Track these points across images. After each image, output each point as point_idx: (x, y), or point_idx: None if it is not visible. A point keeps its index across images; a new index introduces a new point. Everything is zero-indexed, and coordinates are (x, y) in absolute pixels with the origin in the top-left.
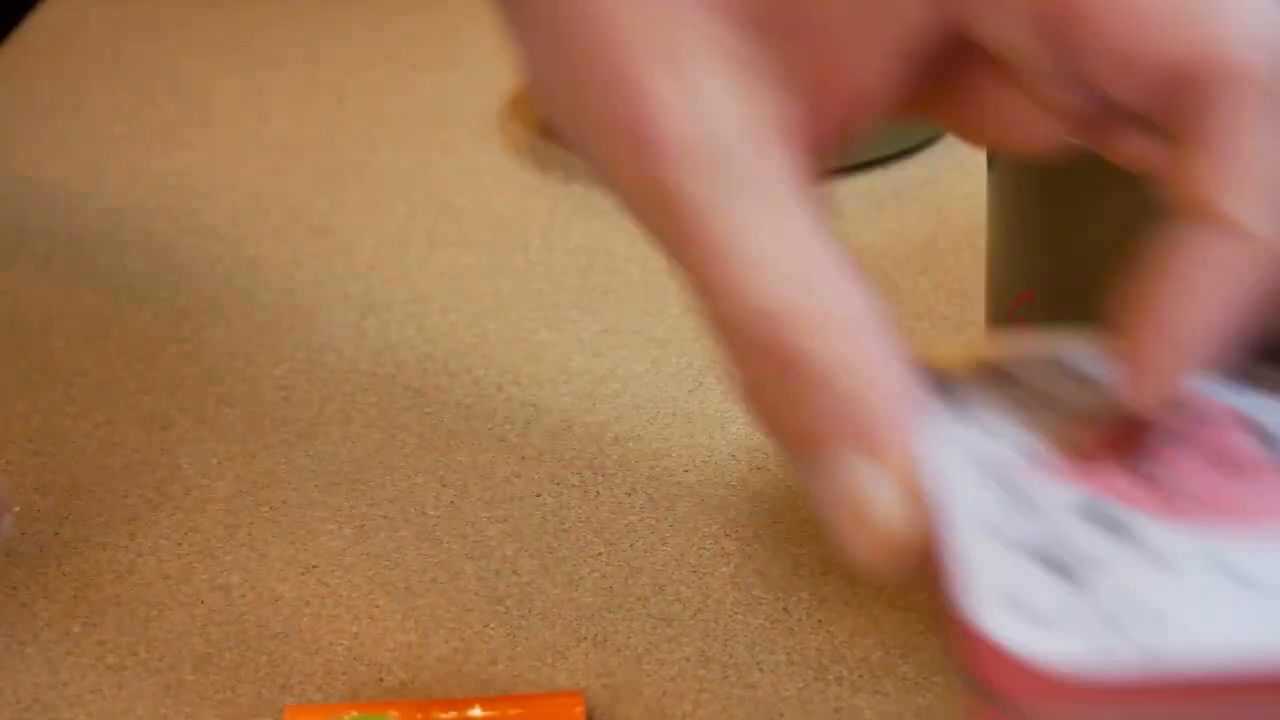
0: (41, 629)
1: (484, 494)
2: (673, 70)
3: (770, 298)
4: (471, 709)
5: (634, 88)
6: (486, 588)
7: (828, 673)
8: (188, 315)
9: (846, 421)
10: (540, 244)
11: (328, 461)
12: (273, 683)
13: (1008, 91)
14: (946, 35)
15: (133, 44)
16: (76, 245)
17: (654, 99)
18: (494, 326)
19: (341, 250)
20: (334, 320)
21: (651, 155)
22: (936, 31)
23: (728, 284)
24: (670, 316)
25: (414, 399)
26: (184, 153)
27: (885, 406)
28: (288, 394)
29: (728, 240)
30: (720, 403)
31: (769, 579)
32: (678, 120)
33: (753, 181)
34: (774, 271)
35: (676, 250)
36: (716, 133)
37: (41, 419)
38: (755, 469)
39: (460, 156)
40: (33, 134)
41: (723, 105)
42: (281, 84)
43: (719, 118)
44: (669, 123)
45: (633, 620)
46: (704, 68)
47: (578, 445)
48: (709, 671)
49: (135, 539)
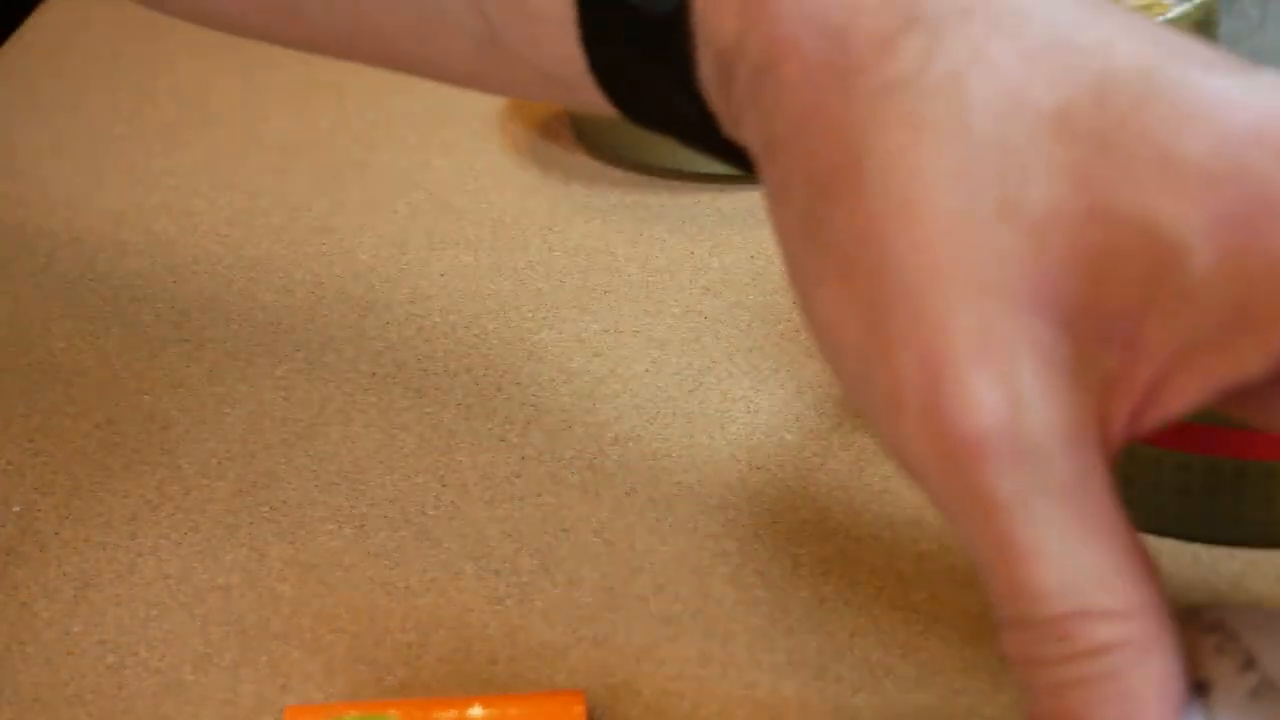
0: (41, 629)
1: (484, 494)
2: (996, 369)
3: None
4: (471, 709)
5: (954, 381)
6: (486, 588)
7: (828, 673)
8: (188, 315)
9: None
10: (540, 244)
11: (328, 461)
12: (273, 683)
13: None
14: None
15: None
16: (76, 245)
17: (973, 397)
18: (494, 326)
19: (341, 250)
20: (334, 320)
21: (963, 451)
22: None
23: (1028, 582)
24: (670, 316)
25: (414, 399)
26: (184, 153)
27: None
28: (288, 394)
29: (1032, 540)
30: (720, 403)
31: (769, 579)
32: (995, 420)
33: (1061, 484)
34: (1072, 567)
35: (969, 531)
36: (1032, 435)
37: (41, 419)
38: (755, 469)
39: (460, 156)
40: (33, 134)
41: (1040, 408)
42: (281, 84)
43: (1036, 421)
44: (985, 422)
45: (633, 620)
46: (1026, 368)
47: (578, 445)
48: (709, 671)
49: (135, 539)
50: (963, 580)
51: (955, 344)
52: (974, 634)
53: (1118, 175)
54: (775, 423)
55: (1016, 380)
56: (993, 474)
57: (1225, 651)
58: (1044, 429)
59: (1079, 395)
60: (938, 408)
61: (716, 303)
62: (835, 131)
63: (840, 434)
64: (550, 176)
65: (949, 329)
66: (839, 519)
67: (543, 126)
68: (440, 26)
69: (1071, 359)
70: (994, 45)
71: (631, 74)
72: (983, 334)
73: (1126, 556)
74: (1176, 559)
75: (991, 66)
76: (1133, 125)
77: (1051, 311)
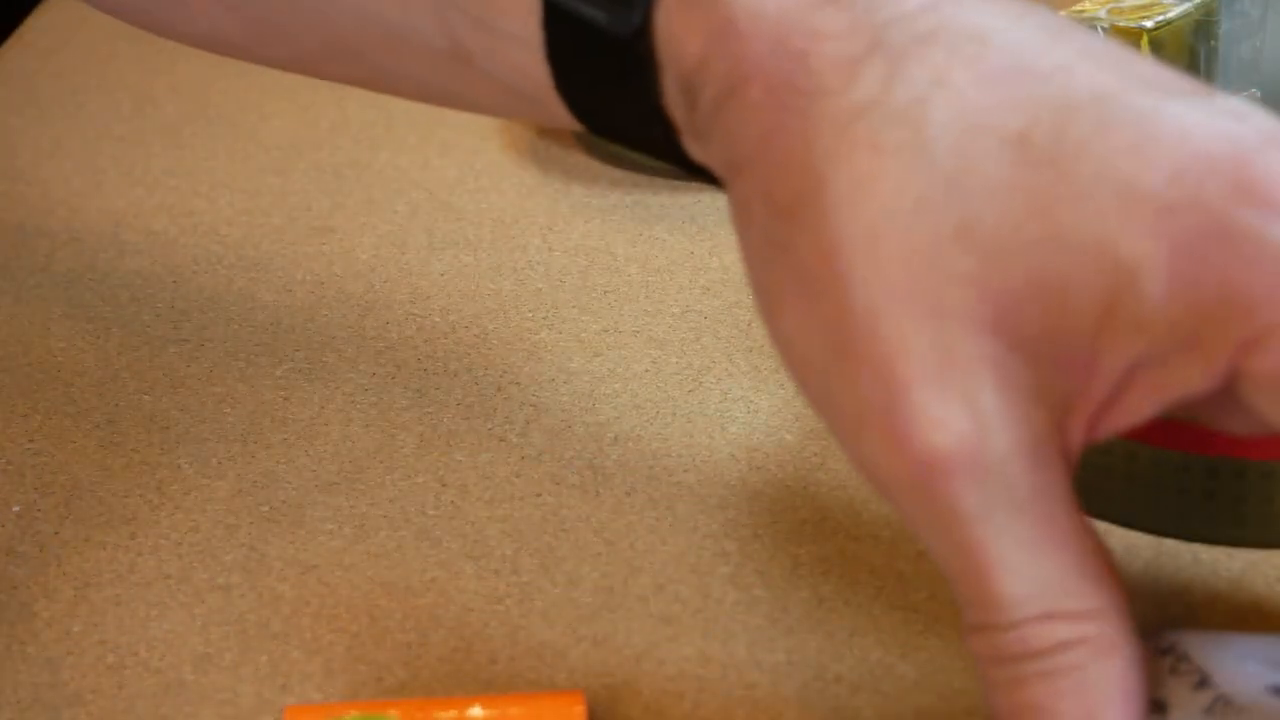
0: (41, 629)
1: (484, 494)
2: (956, 389)
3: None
4: (471, 709)
5: (915, 402)
6: (486, 588)
7: (827, 672)
8: (188, 315)
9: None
10: (540, 244)
11: (328, 461)
12: (273, 683)
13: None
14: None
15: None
16: (76, 245)
17: (935, 416)
18: (494, 326)
19: (341, 250)
20: (334, 320)
21: (926, 469)
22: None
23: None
24: (670, 316)
25: (414, 399)
26: (184, 153)
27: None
28: (288, 394)
29: (996, 552)
30: (720, 403)
31: (769, 579)
32: (957, 439)
33: (1023, 498)
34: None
35: (937, 545)
36: (994, 452)
37: (41, 419)
38: (755, 469)
39: (460, 156)
40: (33, 134)
41: (1001, 426)
42: (281, 84)
43: (997, 438)
44: (947, 441)
45: (633, 620)
46: (986, 387)
47: (578, 445)
48: (709, 671)
49: (135, 539)
50: None
51: (915, 365)
52: None
53: (1076, 202)
54: (775, 423)
55: (977, 399)
56: (956, 490)
57: (1180, 672)
58: (1005, 446)
59: (1037, 412)
60: (900, 427)
61: (716, 303)
62: (797, 154)
63: None
64: (550, 176)
65: (909, 350)
66: (839, 519)
67: (543, 127)
68: (409, 45)
69: (1029, 378)
70: (954, 72)
71: (597, 92)
72: (942, 355)
73: (1088, 562)
74: (1176, 559)
75: (952, 92)
76: (1091, 152)
77: (1009, 332)
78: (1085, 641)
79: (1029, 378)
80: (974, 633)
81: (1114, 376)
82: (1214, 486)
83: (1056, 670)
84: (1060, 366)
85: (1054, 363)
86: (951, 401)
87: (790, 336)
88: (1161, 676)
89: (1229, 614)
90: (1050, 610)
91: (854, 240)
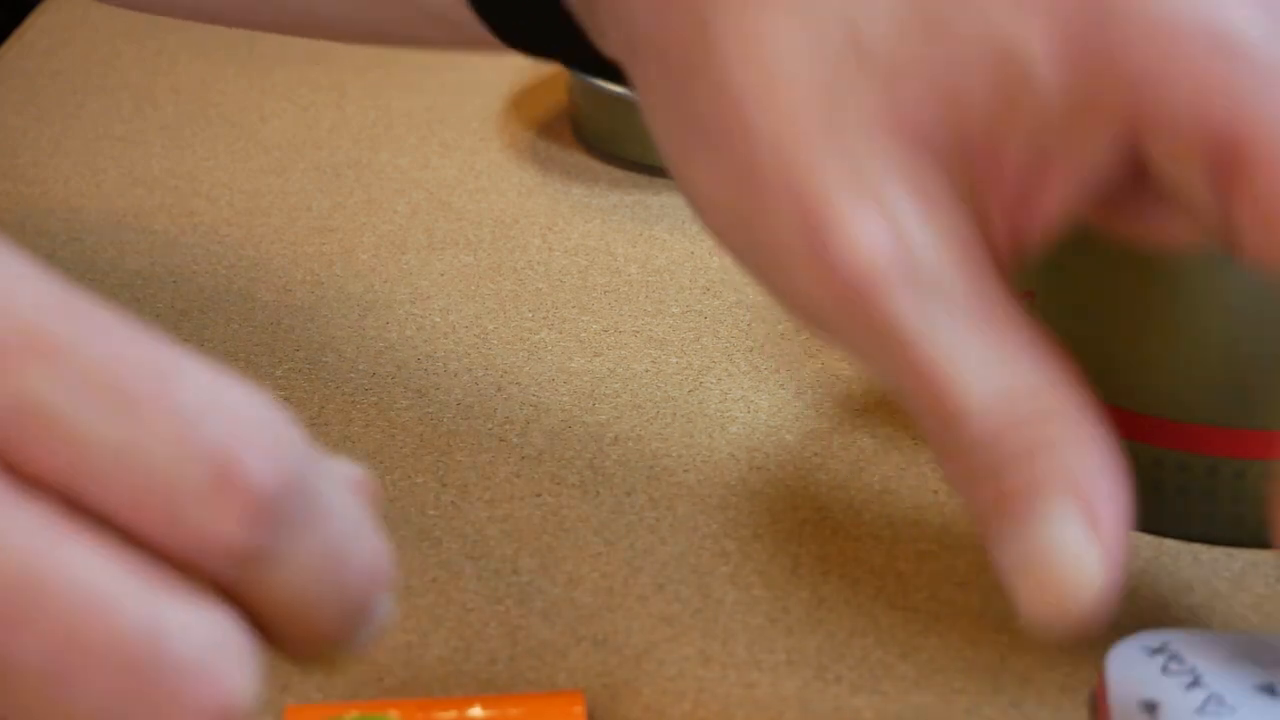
0: None
1: (484, 494)
2: (871, 202)
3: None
4: (471, 709)
5: (832, 221)
6: (486, 588)
7: (828, 672)
8: (188, 315)
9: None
10: (540, 244)
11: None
12: (273, 683)
13: (1155, 207)
14: (1124, 170)
15: (133, 44)
16: (76, 245)
17: (854, 232)
18: (494, 326)
19: (341, 250)
20: (334, 320)
21: (855, 287)
22: (1117, 168)
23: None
24: (670, 316)
25: (414, 399)
26: (184, 153)
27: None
28: (288, 394)
29: (946, 361)
30: (720, 403)
31: (769, 579)
32: (880, 251)
33: (961, 302)
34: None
35: (886, 369)
36: (919, 258)
37: None
38: (755, 469)
39: (460, 156)
40: (33, 134)
41: (921, 232)
42: (281, 84)
43: (919, 245)
44: (871, 255)
45: (633, 620)
46: (899, 196)
47: (578, 445)
48: (709, 671)
49: None
50: (963, 580)
51: (826, 185)
52: (974, 634)
53: (962, 4)
54: (775, 423)
55: (893, 209)
56: (890, 303)
57: (1171, 672)
58: (929, 251)
59: (955, 215)
60: (822, 250)
61: (716, 303)
62: (687, 13)
63: (840, 434)
64: (550, 176)
65: (817, 172)
66: (839, 519)
67: (543, 126)
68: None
69: (942, 182)
70: None
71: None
72: (852, 171)
73: (1041, 360)
74: (1176, 559)
75: None
76: None
77: (914, 139)
78: (1055, 417)
79: (942, 182)
80: (943, 455)
81: (1022, 165)
82: (1214, 486)
83: (1035, 448)
84: (970, 165)
85: (964, 162)
86: (868, 214)
87: (701, 191)
88: (1153, 676)
89: (1229, 614)
90: (1014, 416)
91: (746, 75)
